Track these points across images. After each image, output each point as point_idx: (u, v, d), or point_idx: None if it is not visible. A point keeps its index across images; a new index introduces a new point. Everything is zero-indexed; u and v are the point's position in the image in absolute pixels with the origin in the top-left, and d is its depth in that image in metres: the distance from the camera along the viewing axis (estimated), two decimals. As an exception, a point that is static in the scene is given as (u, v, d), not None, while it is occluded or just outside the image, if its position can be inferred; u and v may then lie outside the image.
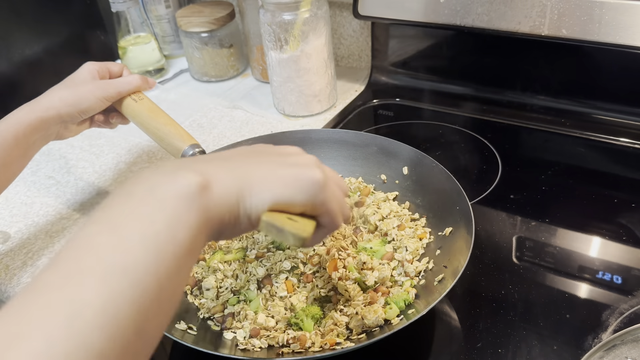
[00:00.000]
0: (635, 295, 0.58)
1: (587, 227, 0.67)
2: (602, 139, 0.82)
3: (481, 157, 0.81)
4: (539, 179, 0.75)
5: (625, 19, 0.72)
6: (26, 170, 0.89)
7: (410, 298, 0.55)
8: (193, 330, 0.55)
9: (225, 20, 1.04)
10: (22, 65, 1.15)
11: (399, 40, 0.98)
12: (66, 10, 1.21)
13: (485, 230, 0.68)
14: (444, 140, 0.86)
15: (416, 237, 0.63)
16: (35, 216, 0.79)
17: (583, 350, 0.52)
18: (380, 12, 0.90)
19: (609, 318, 0.55)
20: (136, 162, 0.89)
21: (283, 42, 0.87)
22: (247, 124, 0.96)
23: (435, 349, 0.56)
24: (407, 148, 0.70)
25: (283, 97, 0.93)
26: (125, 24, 1.06)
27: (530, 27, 0.79)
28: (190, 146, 0.74)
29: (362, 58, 1.08)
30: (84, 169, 0.89)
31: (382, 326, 0.54)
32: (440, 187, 0.65)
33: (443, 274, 0.57)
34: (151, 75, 1.11)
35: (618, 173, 0.77)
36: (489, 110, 0.91)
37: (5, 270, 0.71)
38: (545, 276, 0.61)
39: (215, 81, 1.10)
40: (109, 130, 0.98)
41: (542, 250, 0.65)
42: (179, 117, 0.98)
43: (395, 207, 0.68)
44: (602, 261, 0.63)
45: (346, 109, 0.96)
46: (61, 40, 1.21)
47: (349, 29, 1.06)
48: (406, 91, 0.99)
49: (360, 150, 0.74)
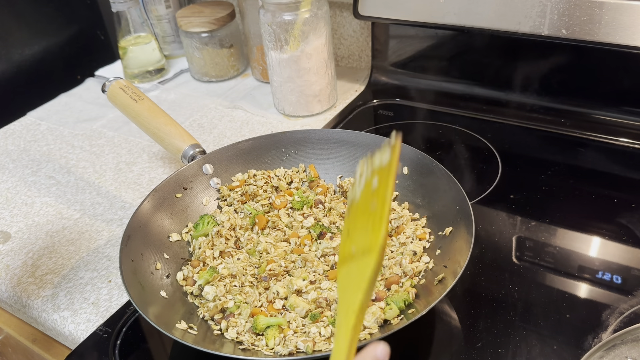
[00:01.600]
0: (635, 295, 0.58)
1: (587, 227, 0.67)
2: (602, 139, 0.82)
3: (481, 157, 0.81)
4: (539, 179, 0.75)
5: (625, 19, 0.72)
6: (26, 170, 0.90)
7: (410, 298, 0.55)
8: (193, 330, 0.55)
9: (225, 20, 1.04)
10: (22, 65, 1.15)
11: (399, 40, 0.98)
12: (66, 10, 1.21)
13: (485, 230, 0.68)
14: (444, 140, 0.86)
15: (416, 240, 0.63)
16: (35, 216, 0.80)
17: (583, 350, 0.52)
18: (380, 12, 0.90)
19: (609, 318, 0.55)
20: (136, 162, 0.89)
21: (283, 42, 0.87)
22: (247, 124, 0.96)
23: (435, 349, 0.56)
24: (407, 148, 0.70)
25: (283, 97, 0.93)
26: (125, 24, 1.06)
27: (530, 27, 0.79)
28: (191, 146, 0.74)
29: (362, 58, 1.08)
30: (84, 169, 0.89)
31: (382, 326, 0.54)
32: (440, 187, 0.65)
33: (443, 274, 0.57)
34: (151, 75, 1.11)
35: (618, 173, 0.77)
36: (489, 110, 0.91)
37: (6, 270, 0.71)
38: (545, 276, 0.61)
39: (215, 81, 1.10)
40: (109, 130, 0.98)
41: (542, 250, 0.65)
42: (179, 117, 0.98)
43: (395, 207, 0.68)
44: (602, 261, 0.63)
45: (346, 109, 0.96)
46: (61, 40, 1.21)
47: (349, 29, 1.06)
48: (406, 91, 0.99)
49: (360, 150, 0.74)
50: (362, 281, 0.38)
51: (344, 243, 0.43)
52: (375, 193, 0.42)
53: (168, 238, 0.66)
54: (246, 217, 0.70)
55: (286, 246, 0.65)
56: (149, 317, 0.52)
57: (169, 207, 0.68)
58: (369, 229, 0.41)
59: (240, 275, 0.61)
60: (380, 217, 0.40)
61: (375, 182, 0.43)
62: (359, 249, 0.41)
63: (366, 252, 0.40)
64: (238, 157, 0.75)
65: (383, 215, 0.40)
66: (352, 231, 0.43)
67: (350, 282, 0.40)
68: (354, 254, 0.41)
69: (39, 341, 0.69)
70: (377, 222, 0.40)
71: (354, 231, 0.43)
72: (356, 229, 0.43)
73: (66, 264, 0.71)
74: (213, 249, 0.65)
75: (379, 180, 0.42)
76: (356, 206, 0.44)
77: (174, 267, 0.64)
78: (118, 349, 0.59)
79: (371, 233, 0.40)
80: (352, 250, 0.41)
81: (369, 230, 0.41)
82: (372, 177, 0.44)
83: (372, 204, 0.42)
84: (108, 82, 0.81)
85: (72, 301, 0.66)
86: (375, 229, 0.40)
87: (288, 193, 0.72)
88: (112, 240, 0.74)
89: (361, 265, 0.39)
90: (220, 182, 0.73)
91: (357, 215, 0.43)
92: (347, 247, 0.42)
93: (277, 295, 0.58)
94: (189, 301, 0.60)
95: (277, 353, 0.52)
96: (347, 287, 0.40)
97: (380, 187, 0.42)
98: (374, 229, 0.40)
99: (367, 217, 0.42)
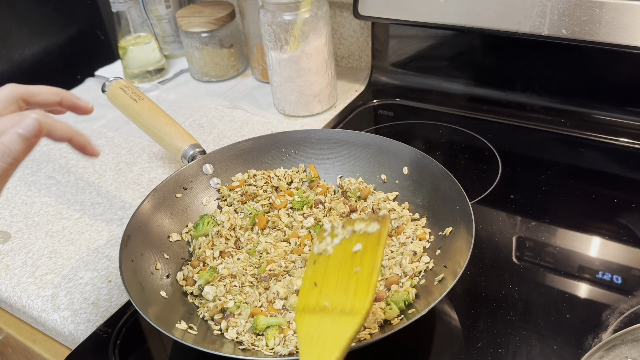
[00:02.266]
0: (635, 295, 0.58)
1: (587, 227, 0.67)
2: (602, 139, 0.82)
3: (481, 157, 0.81)
4: (539, 179, 0.75)
5: (625, 19, 0.72)
6: (26, 170, 0.90)
7: (410, 298, 0.55)
8: (193, 330, 0.55)
9: (225, 20, 1.04)
10: (22, 65, 1.15)
11: (399, 40, 0.99)
12: (66, 10, 1.21)
13: (485, 230, 0.68)
14: (444, 140, 0.86)
15: (416, 240, 0.63)
16: (35, 216, 0.79)
17: (583, 350, 0.52)
18: (380, 12, 0.90)
19: (609, 318, 0.55)
20: (136, 162, 0.89)
21: (283, 42, 0.87)
22: (247, 124, 0.96)
23: (435, 349, 0.56)
24: (407, 148, 0.70)
25: (283, 97, 0.93)
26: (125, 24, 1.06)
27: (530, 27, 0.79)
28: (191, 146, 0.74)
29: (362, 58, 1.08)
30: (84, 169, 0.89)
31: (382, 326, 0.54)
32: (440, 187, 0.65)
33: (443, 274, 0.57)
34: (151, 75, 1.11)
35: (618, 173, 0.77)
36: (489, 110, 0.91)
37: (6, 270, 0.71)
38: (545, 276, 0.61)
39: (215, 81, 1.10)
40: (109, 130, 0.98)
41: (542, 250, 0.65)
42: (179, 117, 0.98)
43: (395, 207, 0.68)
44: (602, 261, 0.63)
45: (346, 109, 0.96)
46: (61, 40, 1.21)
47: (349, 29, 1.06)
48: (406, 91, 0.99)
49: (360, 150, 0.74)
50: (341, 339, 0.39)
51: (309, 292, 0.45)
52: (360, 258, 0.44)
53: (168, 238, 0.66)
54: (246, 217, 0.70)
55: (286, 246, 0.65)
56: (149, 317, 0.52)
57: (169, 207, 0.68)
58: (350, 290, 0.43)
59: (240, 275, 0.61)
60: (368, 283, 0.42)
61: (358, 247, 0.45)
62: (335, 306, 0.42)
63: (347, 312, 0.41)
64: (238, 157, 0.75)
65: (371, 283, 0.42)
66: (324, 285, 0.45)
67: (321, 336, 0.41)
68: (326, 309, 0.42)
69: (39, 341, 0.69)
70: (364, 288, 0.42)
71: (325, 285, 0.45)
72: (329, 284, 0.44)
73: (66, 264, 0.71)
74: (213, 249, 0.65)
75: (365, 247, 0.44)
76: (327, 260, 0.46)
77: (174, 267, 0.64)
78: (118, 349, 0.59)
79: (354, 296, 0.42)
80: (324, 304, 0.42)
81: (350, 291, 0.43)
82: (352, 240, 0.46)
83: (354, 267, 0.44)
84: (108, 82, 0.81)
85: (72, 301, 0.66)
86: (360, 293, 0.42)
87: (288, 193, 0.72)
88: (112, 240, 0.74)
89: (340, 323, 0.41)
90: (220, 182, 0.73)
91: (329, 270, 0.45)
92: (315, 298, 0.44)
93: (277, 296, 0.58)
94: (189, 301, 0.60)
95: (277, 353, 0.52)
96: (317, 339, 0.41)
97: (368, 255, 0.44)
98: (358, 293, 0.42)
99: (346, 277, 0.44)
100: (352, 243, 0.46)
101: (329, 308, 0.42)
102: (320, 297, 0.43)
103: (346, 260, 0.45)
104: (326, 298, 0.43)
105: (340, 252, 0.46)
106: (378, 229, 0.46)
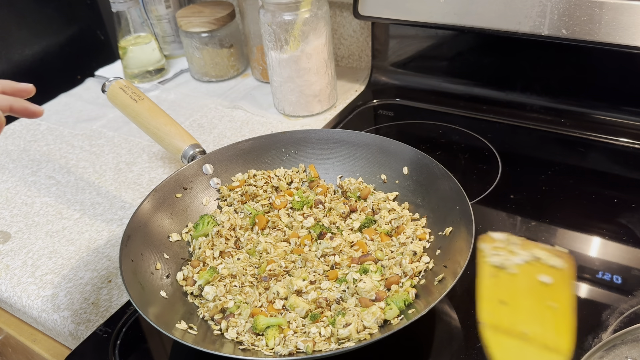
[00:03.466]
0: (635, 295, 0.58)
1: (587, 227, 0.67)
2: (602, 139, 0.82)
3: (481, 157, 0.81)
4: (539, 179, 0.75)
5: (625, 19, 0.72)
6: (26, 170, 0.90)
7: (410, 298, 0.55)
8: (193, 330, 0.55)
9: (225, 20, 1.04)
10: (22, 65, 1.15)
11: (399, 40, 0.99)
12: (66, 10, 1.21)
13: (485, 230, 0.68)
14: (444, 140, 0.86)
15: (416, 241, 0.63)
16: (35, 216, 0.80)
17: (583, 350, 0.52)
18: (380, 12, 0.90)
19: (609, 318, 0.55)
20: (136, 162, 0.89)
21: (283, 42, 0.87)
22: (247, 124, 0.96)
23: (435, 349, 0.56)
24: (407, 148, 0.70)
25: (283, 97, 0.93)
26: (125, 24, 1.06)
27: (530, 27, 0.79)
28: (191, 146, 0.74)
29: (362, 58, 1.08)
30: (84, 169, 0.89)
31: (382, 326, 0.54)
32: (440, 187, 0.65)
33: (443, 274, 0.57)
34: (151, 75, 1.11)
35: (618, 173, 0.77)
36: (489, 110, 0.91)
37: (6, 270, 0.71)
38: (545, 276, 0.61)
39: (215, 81, 1.10)
40: (109, 130, 0.98)
41: (542, 250, 0.65)
42: (179, 117, 0.98)
43: (395, 207, 0.68)
44: (602, 261, 0.63)
45: (346, 109, 0.96)
46: (61, 40, 1.21)
47: (349, 29, 1.06)
48: (406, 91, 0.99)
49: (360, 150, 0.74)
50: None
51: (497, 309, 0.43)
52: (552, 292, 0.44)
53: (168, 238, 0.66)
54: (246, 217, 0.70)
55: (286, 246, 0.65)
56: (149, 317, 0.52)
57: (169, 207, 0.68)
58: (549, 324, 0.42)
59: (240, 275, 0.61)
60: (569, 323, 0.42)
61: (547, 279, 0.44)
62: (536, 337, 0.41)
63: (551, 349, 0.40)
64: (238, 157, 0.75)
65: (571, 323, 0.42)
66: (515, 307, 0.43)
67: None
68: (527, 337, 0.41)
69: (39, 341, 0.69)
70: (566, 327, 0.42)
71: (517, 308, 0.43)
72: (521, 309, 0.43)
73: (66, 264, 0.71)
74: (213, 249, 0.65)
75: (556, 282, 0.44)
76: (511, 279, 0.45)
77: (174, 267, 0.64)
78: (118, 349, 0.59)
79: (555, 332, 0.42)
80: (523, 331, 0.41)
81: (549, 326, 0.42)
82: (535, 266, 0.45)
83: (546, 299, 0.43)
84: (108, 82, 0.81)
85: (72, 301, 0.66)
86: (563, 332, 0.42)
87: (288, 193, 0.72)
88: (112, 240, 0.74)
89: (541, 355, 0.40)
90: (220, 182, 0.73)
91: (518, 292, 0.44)
92: (507, 319, 0.42)
93: (277, 296, 0.58)
94: (189, 301, 0.60)
95: (277, 353, 0.52)
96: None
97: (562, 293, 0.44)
98: (560, 331, 0.42)
99: (539, 308, 0.43)
100: (537, 270, 0.45)
101: (529, 337, 0.41)
102: (514, 319, 0.42)
103: (535, 288, 0.44)
104: (523, 324, 0.42)
105: (525, 277, 0.45)
106: (565, 267, 0.45)
